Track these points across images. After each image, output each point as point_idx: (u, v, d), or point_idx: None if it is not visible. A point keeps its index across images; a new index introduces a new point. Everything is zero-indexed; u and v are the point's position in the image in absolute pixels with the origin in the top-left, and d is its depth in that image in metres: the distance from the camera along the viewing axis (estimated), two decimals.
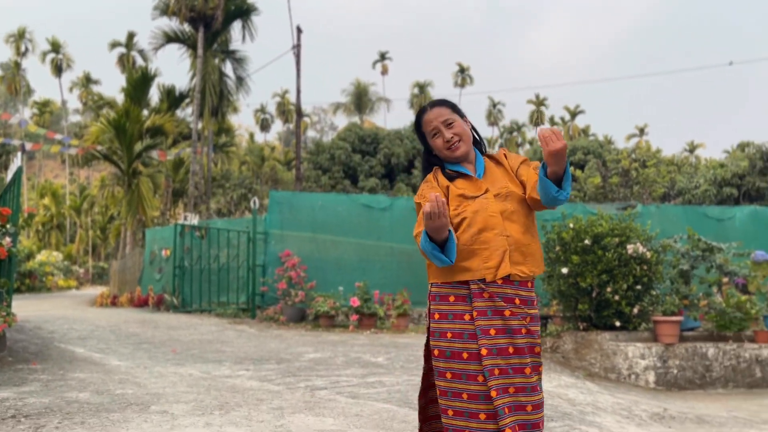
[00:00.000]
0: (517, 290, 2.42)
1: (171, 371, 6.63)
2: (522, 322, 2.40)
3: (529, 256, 2.46)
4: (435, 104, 2.61)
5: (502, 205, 2.44)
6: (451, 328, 2.40)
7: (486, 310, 2.37)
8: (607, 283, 8.42)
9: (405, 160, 24.52)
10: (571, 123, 67.25)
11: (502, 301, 2.39)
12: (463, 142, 2.54)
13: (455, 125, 2.54)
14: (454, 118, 2.55)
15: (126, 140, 18.53)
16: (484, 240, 2.40)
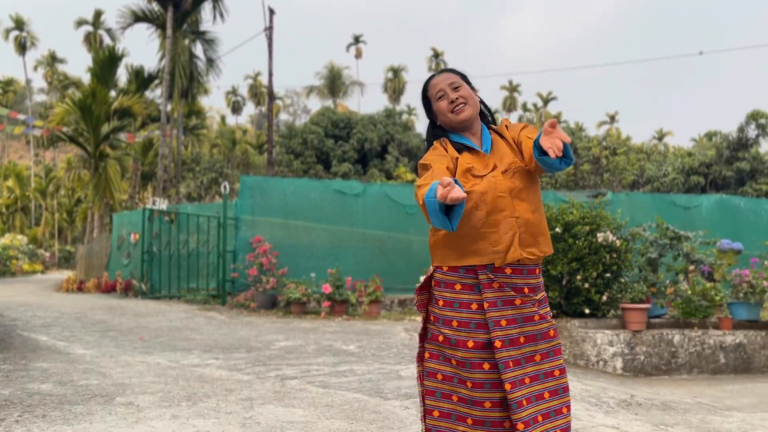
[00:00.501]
0: (526, 279, 2.34)
1: (138, 360, 6.51)
2: (533, 309, 2.32)
3: (540, 236, 2.36)
4: (444, 70, 2.53)
5: (511, 183, 2.32)
6: (457, 316, 2.31)
7: (496, 300, 2.29)
8: (577, 271, 8.49)
9: (378, 145, 24.40)
10: (543, 109, 67.69)
11: (512, 290, 2.30)
12: (469, 105, 2.43)
13: (462, 89, 2.45)
14: (462, 83, 2.47)
15: (92, 122, 18.06)
16: (492, 223, 2.28)
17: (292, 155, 24.11)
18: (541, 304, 2.39)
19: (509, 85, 70.25)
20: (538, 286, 2.42)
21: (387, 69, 68.29)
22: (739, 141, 19.35)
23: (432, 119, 2.55)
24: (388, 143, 24.74)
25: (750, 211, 13.91)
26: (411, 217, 12.99)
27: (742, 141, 19.37)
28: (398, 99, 67.15)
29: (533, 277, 2.39)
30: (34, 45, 59.02)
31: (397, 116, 26.95)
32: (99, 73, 20.74)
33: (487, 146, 2.44)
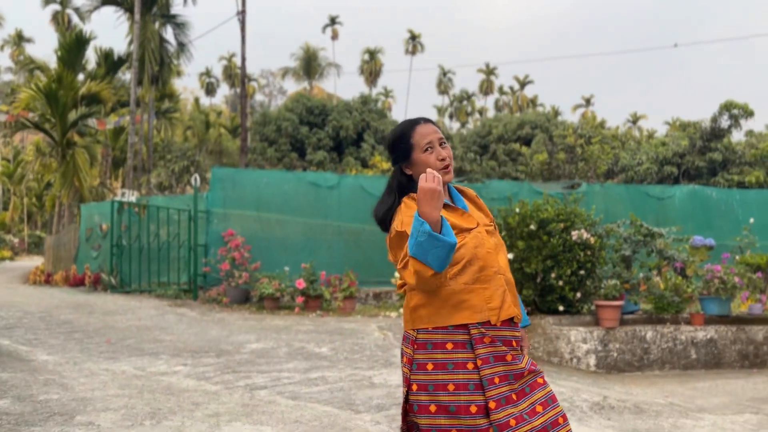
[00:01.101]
0: (513, 331, 2.28)
1: (103, 368, 6.33)
2: (522, 364, 2.24)
3: (515, 296, 2.36)
4: (429, 120, 2.41)
5: (494, 240, 2.32)
6: (453, 378, 2.14)
7: (488, 356, 2.18)
8: (551, 269, 8.46)
9: (354, 132, 24.11)
10: (519, 93, 67.71)
11: (503, 345, 2.21)
12: (451, 167, 2.35)
13: (448, 148, 2.35)
14: (446, 141, 2.37)
15: (58, 109, 17.49)
16: (484, 278, 2.21)
17: (266, 143, 23.72)
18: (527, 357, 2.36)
19: (486, 68, 70.06)
20: (522, 338, 2.40)
21: (363, 51, 67.58)
22: (712, 131, 19.51)
23: (400, 164, 2.37)
24: (364, 131, 24.46)
25: (721, 202, 14.04)
26: None
27: (715, 131, 19.53)
28: (375, 81, 66.56)
29: (518, 329, 2.35)
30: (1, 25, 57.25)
31: (372, 103, 26.65)
32: (66, 57, 20.09)
33: (463, 204, 2.37)
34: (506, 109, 66.78)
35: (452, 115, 70.64)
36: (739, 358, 8.73)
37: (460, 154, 21.19)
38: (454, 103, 70.61)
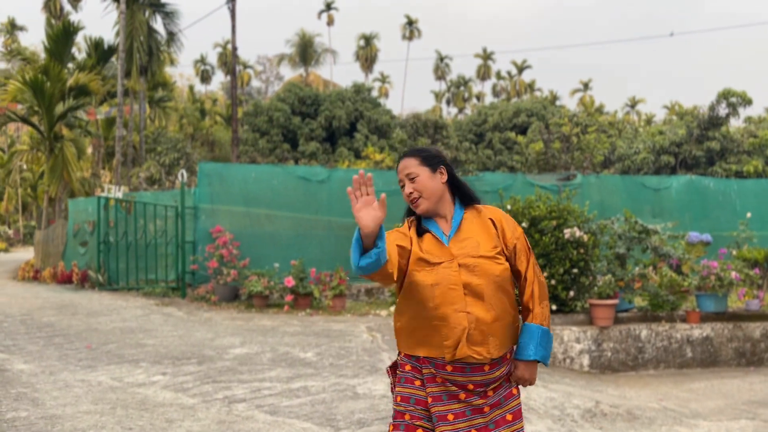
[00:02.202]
0: (468, 376, 2.28)
1: (79, 378, 6.13)
2: (482, 400, 2.29)
3: (491, 337, 2.26)
4: (406, 155, 2.44)
5: (467, 277, 2.27)
6: (401, 391, 2.34)
7: (441, 395, 2.29)
8: (543, 267, 8.26)
9: (347, 122, 23.74)
10: (517, 78, 67.18)
11: (454, 386, 2.29)
12: (424, 198, 2.35)
13: (417, 180, 2.35)
14: (419, 171, 2.36)
15: (45, 101, 17.14)
16: (442, 316, 2.25)
17: (257, 134, 23.37)
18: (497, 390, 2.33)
19: (483, 53, 69.46)
20: (488, 382, 2.31)
21: (359, 37, 66.93)
22: (710, 120, 19.20)
23: None
24: (357, 120, 24.08)
25: (719, 192, 13.82)
26: None
27: (713, 120, 19.22)
28: (371, 67, 66.00)
29: (480, 374, 2.29)
30: None
31: (366, 92, 26.25)
32: (54, 47, 19.69)
33: (452, 231, 2.35)
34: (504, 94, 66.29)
35: (449, 100, 70.17)
36: (735, 356, 8.55)
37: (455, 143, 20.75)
38: (451, 89, 70.12)
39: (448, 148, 17.86)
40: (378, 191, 9.36)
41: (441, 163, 2.41)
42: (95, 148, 27.15)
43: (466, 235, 2.34)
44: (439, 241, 2.32)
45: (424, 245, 2.33)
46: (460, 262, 2.27)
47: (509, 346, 2.33)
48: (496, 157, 24.04)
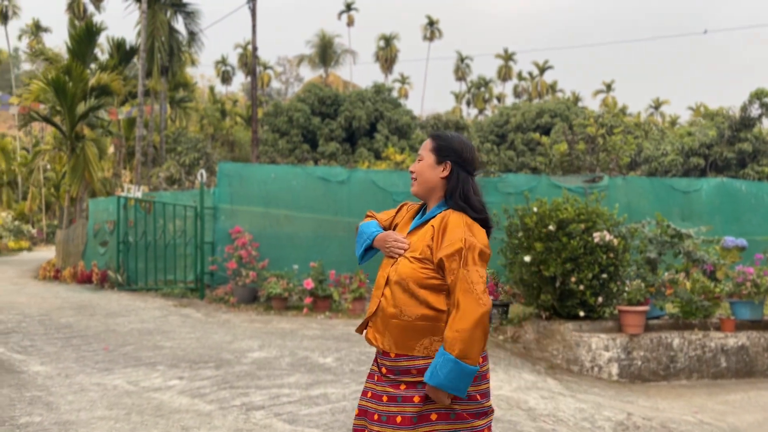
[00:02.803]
0: (381, 359, 2.40)
1: (94, 382, 5.99)
2: (386, 388, 2.35)
3: (388, 331, 2.33)
4: (430, 135, 2.53)
5: (391, 269, 2.38)
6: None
7: (371, 372, 2.47)
8: (571, 272, 7.98)
9: (367, 123, 23.50)
10: (539, 79, 66.51)
11: (375, 366, 2.45)
12: (418, 182, 2.44)
13: (420, 163, 2.44)
14: (426, 156, 2.42)
15: (67, 101, 17.19)
16: (371, 296, 2.49)
17: (277, 134, 23.24)
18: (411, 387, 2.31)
19: (504, 54, 68.89)
20: (398, 369, 2.33)
21: (379, 37, 66.78)
22: (742, 121, 18.65)
23: None
24: (378, 121, 23.84)
25: (751, 195, 13.39)
26: (398, 204, 12.38)
27: (745, 121, 18.67)
28: (390, 68, 65.82)
29: (388, 360, 2.36)
30: (17, 14, 57.34)
31: (386, 92, 26.00)
32: (76, 48, 19.77)
33: (412, 227, 2.44)
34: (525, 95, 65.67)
35: (469, 101, 69.73)
36: None
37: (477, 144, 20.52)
38: (471, 90, 69.66)
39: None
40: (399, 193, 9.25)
41: (449, 158, 2.39)
42: (117, 148, 27.28)
43: (416, 234, 2.40)
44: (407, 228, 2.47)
45: (400, 229, 2.53)
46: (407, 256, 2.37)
47: (412, 349, 2.29)
48: (519, 158, 23.66)
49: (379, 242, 2.46)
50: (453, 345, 2.17)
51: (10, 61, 57.28)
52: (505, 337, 8.62)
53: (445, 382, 2.18)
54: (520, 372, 7.43)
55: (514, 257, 8.38)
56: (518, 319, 8.81)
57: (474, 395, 2.31)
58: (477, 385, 2.32)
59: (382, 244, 2.45)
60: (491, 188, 12.65)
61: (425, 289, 2.28)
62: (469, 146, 2.43)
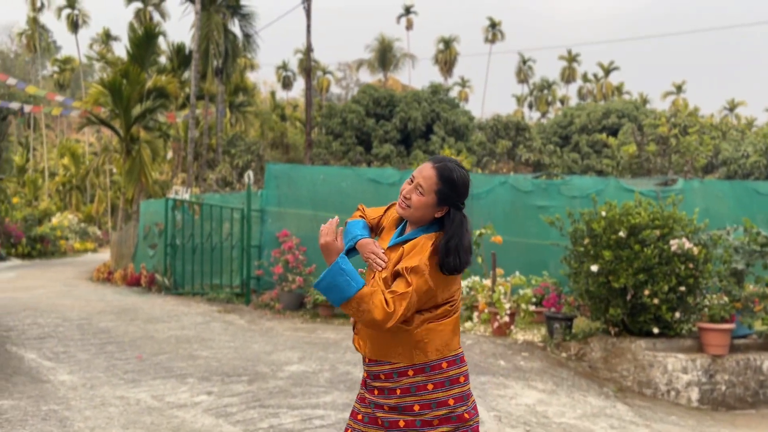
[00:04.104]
0: (369, 367, 2.46)
1: (118, 395, 5.58)
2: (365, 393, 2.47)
3: (368, 338, 2.44)
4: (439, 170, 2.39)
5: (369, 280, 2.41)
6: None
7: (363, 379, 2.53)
8: (644, 284, 7.12)
9: (422, 124, 22.81)
10: (604, 80, 64.24)
11: (365, 373, 2.50)
12: (409, 210, 2.40)
13: (418, 194, 2.37)
14: (428, 193, 2.36)
15: (123, 103, 17.33)
16: None
17: (331, 136, 22.86)
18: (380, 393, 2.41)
19: (568, 55, 66.87)
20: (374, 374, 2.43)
21: (438, 40, 65.99)
22: None
23: None
24: (434, 122, 23.12)
25: None
26: None
27: None
28: (450, 71, 64.91)
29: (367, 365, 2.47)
30: (86, 23, 59.47)
31: (443, 92, 25.25)
32: (136, 52, 19.97)
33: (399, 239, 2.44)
34: (590, 97, 63.58)
35: (531, 104, 68.08)
36: None
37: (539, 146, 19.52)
38: (534, 92, 68.00)
39: (530, 150, 16.78)
40: None
41: (449, 204, 2.38)
42: (175, 151, 27.59)
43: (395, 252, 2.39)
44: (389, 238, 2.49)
45: (384, 234, 2.56)
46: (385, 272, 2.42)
47: (386, 357, 2.38)
48: (583, 161, 22.48)
49: (360, 248, 2.43)
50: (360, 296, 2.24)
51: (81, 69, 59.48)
52: (569, 355, 7.81)
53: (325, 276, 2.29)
54: (586, 395, 6.63)
55: (580, 266, 7.57)
56: (583, 334, 7.98)
57: (446, 400, 2.36)
58: (449, 389, 2.38)
59: (362, 251, 2.43)
60: (554, 191, 11.79)
61: None
62: (467, 183, 2.41)
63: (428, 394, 2.35)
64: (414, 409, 2.35)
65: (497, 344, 8.21)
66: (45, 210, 38.37)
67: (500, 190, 11.77)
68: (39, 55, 64.66)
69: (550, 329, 8.22)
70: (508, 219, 11.58)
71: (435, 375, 2.36)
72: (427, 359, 2.36)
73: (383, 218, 2.62)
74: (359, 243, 2.43)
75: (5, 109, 21.93)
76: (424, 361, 2.36)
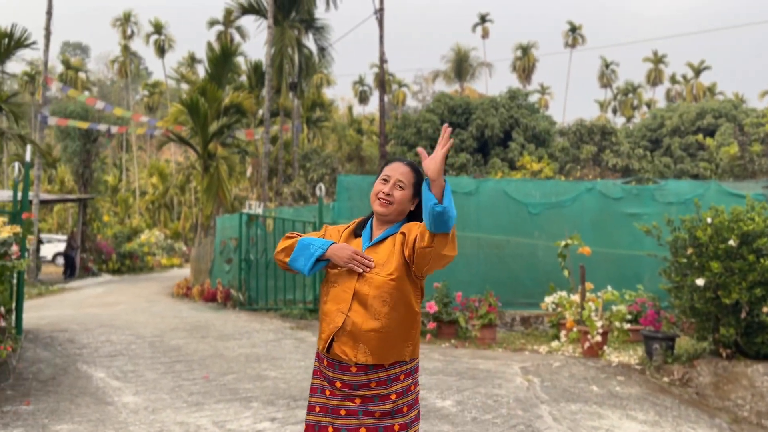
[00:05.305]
0: (337, 374, 2.47)
1: (179, 420, 5.27)
2: (343, 402, 2.45)
3: (363, 344, 2.42)
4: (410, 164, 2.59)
5: (360, 285, 2.45)
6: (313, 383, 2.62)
7: (317, 387, 2.55)
8: (762, 300, 6.22)
9: (500, 131, 21.99)
10: (694, 81, 60.79)
11: (326, 380, 2.51)
12: (392, 206, 2.51)
13: (401, 192, 2.52)
14: (407, 188, 2.53)
15: (200, 120, 17.63)
16: (327, 311, 2.52)
17: (405, 147, 22.45)
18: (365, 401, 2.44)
19: (654, 57, 63.85)
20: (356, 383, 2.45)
21: (515, 47, 64.63)
22: None
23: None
24: (512, 128, 22.25)
25: None
26: (534, 218, 10.97)
27: None
28: (528, 78, 63.33)
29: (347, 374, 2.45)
30: (172, 48, 62.12)
31: (522, 97, 24.35)
32: (213, 70, 20.40)
33: (371, 243, 2.52)
34: (679, 99, 60.36)
35: (615, 109, 65.40)
36: None
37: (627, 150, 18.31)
38: (617, 97, 65.32)
39: (618, 155, 15.67)
40: (535, 204, 7.65)
41: (418, 196, 2.53)
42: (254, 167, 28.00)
43: (380, 250, 2.49)
44: (359, 246, 2.55)
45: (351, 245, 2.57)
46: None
47: (388, 358, 2.43)
48: (676, 165, 20.98)
49: (335, 253, 2.44)
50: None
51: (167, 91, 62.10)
52: (671, 379, 6.95)
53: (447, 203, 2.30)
54: (695, 428, 5.79)
55: (682, 279, 6.72)
56: (687, 356, 7.09)
57: (401, 407, 2.45)
58: (405, 396, 2.47)
59: (339, 255, 2.43)
60: (647, 197, 10.85)
61: (407, 296, 2.46)
62: None
63: (412, 395, 2.51)
64: (404, 411, 2.46)
65: (588, 367, 7.44)
66: (135, 227, 40.03)
67: (587, 197, 10.95)
68: (130, 81, 68.11)
69: (649, 350, 7.37)
70: (596, 228, 10.74)
71: (416, 375, 2.56)
72: (417, 356, 2.55)
73: (325, 236, 2.63)
74: (332, 248, 2.44)
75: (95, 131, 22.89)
76: (415, 357, 2.53)
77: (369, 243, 2.51)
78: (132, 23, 62.84)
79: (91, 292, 17.68)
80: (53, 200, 28.09)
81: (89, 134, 24.06)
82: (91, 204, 25.35)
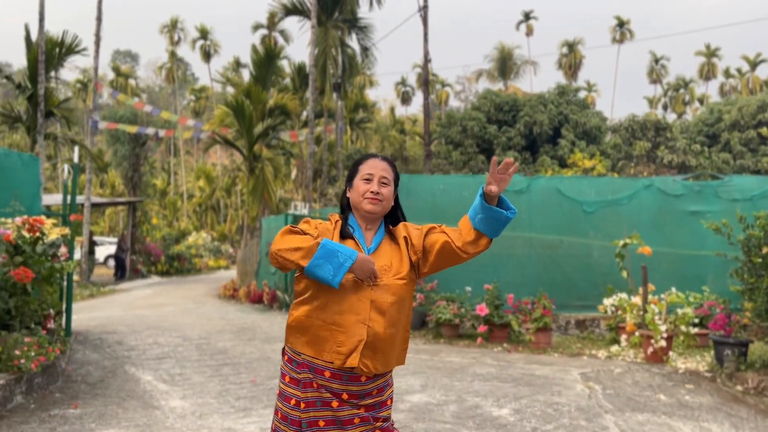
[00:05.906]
0: (346, 385, 2.34)
1: (226, 426, 5.12)
2: (355, 411, 2.34)
3: (380, 353, 2.35)
4: (386, 160, 2.58)
5: (376, 293, 2.37)
6: (297, 395, 2.35)
7: (315, 401, 2.34)
8: None
9: (549, 128, 21.44)
10: (750, 74, 58.53)
11: (329, 393, 2.34)
12: (382, 204, 2.50)
13: (387, 188, 2.52)
14: (390, 182, 2.53)
15: (245, 122, 17.69)
16: (342, 323, 2.33)
17: (451, 146, 22.11)
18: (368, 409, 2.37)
19: (706, 50, 61.70)
20: (363, 392, 2.36)
21: (561, 44, 63.37)
22: None
23: (347, 188, 2.61)
24: (562, 125, 21.66)
25: None
26: (589, 216, 10.53)
27: None
28: (575, 75, 62.00)
29: (357, 384, 2.34)
30: (217, 52, 63.13)
31: (572, 93, 23.71)
32: (257, 72, 20.51)
33: (373, 247, 2.48)
34: (734, 94, 58.20)
35: (666, 105, 63.46)
36: None
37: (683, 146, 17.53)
38: (668, 92, 63.38)
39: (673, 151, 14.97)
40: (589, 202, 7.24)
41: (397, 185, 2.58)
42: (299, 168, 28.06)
43: (383, 254, 2.45)
44: (360, 250, 2.43)
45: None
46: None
47: (392, 365, 2.43)
48: (736, 161, 20.08)
49: (360, 267, 2.31)
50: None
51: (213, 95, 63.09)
52: (745, 388, 6.47)
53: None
54: None
55: (757, 281, 6.25)
56: (762, 363, 6.60)
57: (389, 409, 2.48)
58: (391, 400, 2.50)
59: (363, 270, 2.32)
60: (709, 194, 10.28)
61: (411, 299, 2.50)
62: None
63: (390, 399, 2.51)
64: (389, 414, 2.49)
65: (653, 373, 7.01)
66: (183, 230, 40.68)
67: (645, 195, 10.45)
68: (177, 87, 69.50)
69: (719, 356, 6.90)
70: (655, 227, 10.24)
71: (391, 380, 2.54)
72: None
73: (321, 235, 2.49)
74: (359, 259, 2.30)
75: (144, 135, 23.27)
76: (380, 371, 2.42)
77: (369, 249, 2.45)
78: (179, 29, 64.09)
79: (140, 294, 17.91)
80: (104, 203, 28.73)
81: (138, 138, 24.52)
82: (140, 207, 25.80)
